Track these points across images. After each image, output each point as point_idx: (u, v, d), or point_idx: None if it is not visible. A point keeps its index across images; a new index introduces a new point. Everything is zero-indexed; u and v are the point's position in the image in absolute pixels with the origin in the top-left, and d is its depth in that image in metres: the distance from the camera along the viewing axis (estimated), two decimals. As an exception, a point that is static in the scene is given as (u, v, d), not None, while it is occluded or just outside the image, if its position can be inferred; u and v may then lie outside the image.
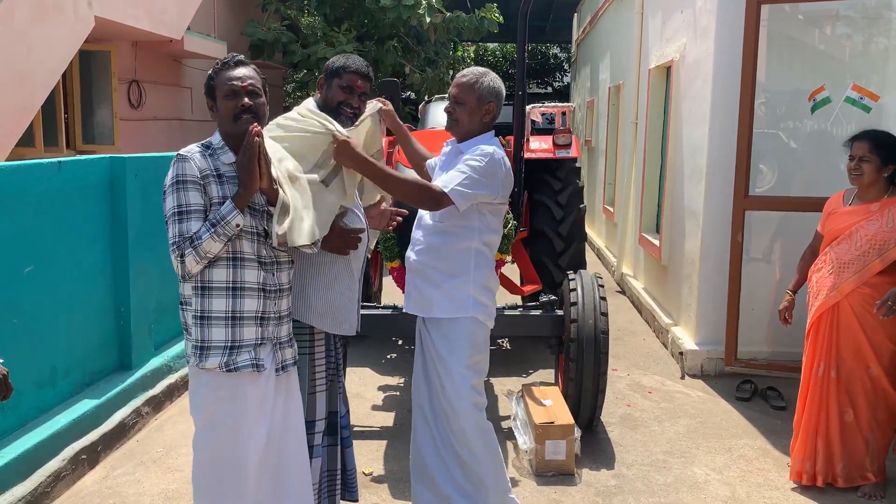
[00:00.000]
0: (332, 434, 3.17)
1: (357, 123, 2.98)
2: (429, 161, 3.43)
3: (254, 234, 2.53)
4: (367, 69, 3.00)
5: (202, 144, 2.55)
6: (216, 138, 2.57)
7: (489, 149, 3.00)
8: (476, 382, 3.11)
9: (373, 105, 3.10)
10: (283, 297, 2.63)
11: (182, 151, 2.48)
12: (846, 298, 3.66)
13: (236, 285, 2.49)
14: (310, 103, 3.03)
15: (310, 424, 2.97)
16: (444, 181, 2.93)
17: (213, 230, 2.38)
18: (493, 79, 3.07)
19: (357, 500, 3.36)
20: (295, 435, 2.74)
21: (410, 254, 3.19)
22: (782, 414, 4.76)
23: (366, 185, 3.16)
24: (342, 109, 2.95)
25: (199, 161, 2.46)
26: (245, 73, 2.54)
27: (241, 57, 2.59)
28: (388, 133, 6.29)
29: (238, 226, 2.43)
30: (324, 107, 2.98)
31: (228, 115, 2.51)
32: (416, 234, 3.19)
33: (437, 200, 2.91)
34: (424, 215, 3.17)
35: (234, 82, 2.50)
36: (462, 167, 2.94)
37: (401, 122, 3.43)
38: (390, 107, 3.26)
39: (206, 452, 2.58)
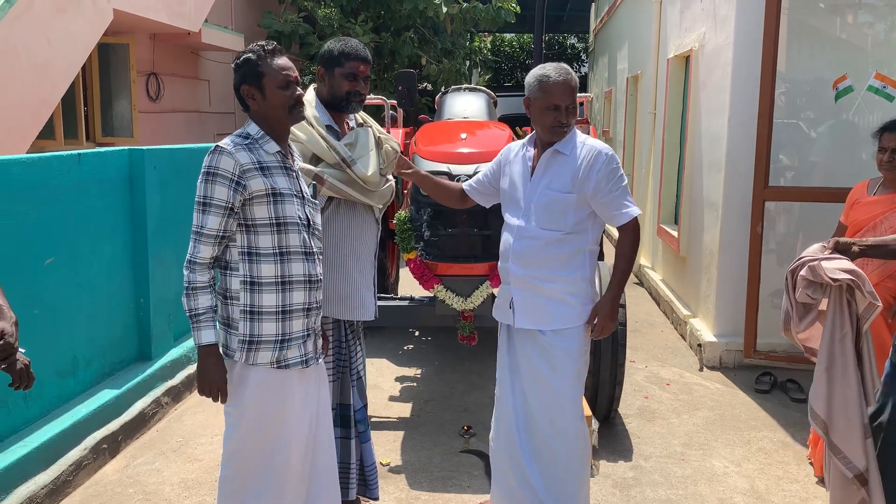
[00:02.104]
0: (344, 426, 3.18)
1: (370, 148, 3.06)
2: (468, 183, 3.28)
3: (299, 226, 2.52)
4: (366, 52, 2.98)
5: (240, 136, 2.49)
6: (254, 128, 2.50)
7: (604, 146, 2.90)
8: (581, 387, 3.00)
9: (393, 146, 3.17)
10: (321, 288, 2.66)
11: (221, 144, 2.43)
12: None
13: (285, 279, 2.49)
14: (310, 95, 3.01)
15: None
16: (619, 208, 2.84)
17: (191, 307, 2.44)
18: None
19: (377, 498, 3.35)
20: (326, 422, 2.79)
21: (512, 266, 2.96)
22: (802, 406, 4.72)
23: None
24: (352, 98, 2.95)
25: (242, 156, 2.41)
26: (290, 63, 2.52)
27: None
28: (405, 125, 6.29)
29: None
30: (330, 99, 2.98)
31: (283, 106, 2.47)
32: (518, 244, 2.94)
33: (637, 226, 2.91)
34: (525, 222, 2.93)
35: (290, 73, 2.48)
36: (616, 182, 2.84)
37: (411, 164, 3.41)
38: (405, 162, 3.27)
39: (252, 446, 2.57)
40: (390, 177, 3.23)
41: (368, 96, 6.21)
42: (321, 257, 2.67)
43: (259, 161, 2.45)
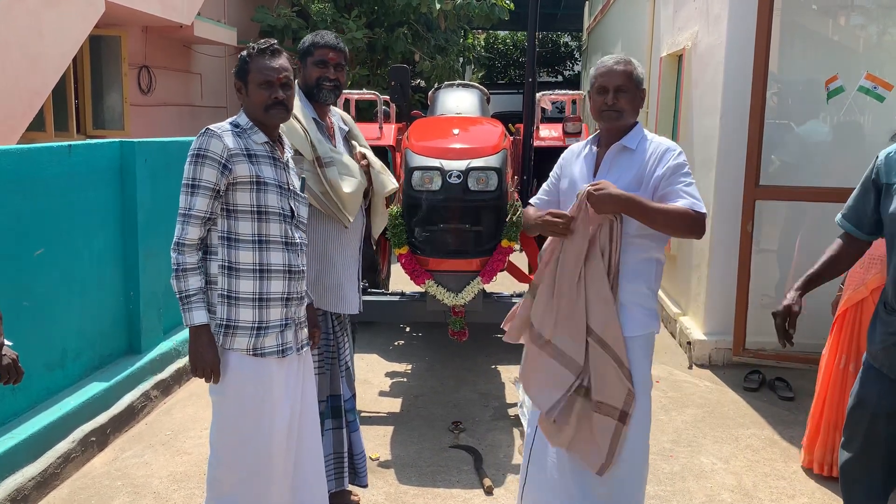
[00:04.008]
0: (335, 417, 3.21)
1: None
2: (536, 198, 3.03)
3: (281, 216, 2.56)
4: (336, 41, 3.05)
5: (231, 123, 2.55)
6: (243, 119, 2.57)
7: (673, 143, 2.75)
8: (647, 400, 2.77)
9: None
10: (303, 279, 2.69)
11: (211, 127, 2.49)
12: (871, 295, 3.62)
13: (263, 267, 2.53)
14: (296, 89, 3.06)
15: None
16: (689, 200, 2.58)
17: (181, 288, 2.46)
18: (639, 64, 2.80)
19: (366, 486, 3.39)
20: (311, 413, 2.80)
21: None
22: (790, 404, 4.75)
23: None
24: (322, 85, 3.02)
25: (230, 140, 2.47)
26: (281, 63, 2.56)
27: (277, 44, 2.59)
28: (398, 120, 6.29)
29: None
30: (306, 88, 3.07)
31: (260, 105, 2.53)
32: None
33: (703, 225, 2.62)
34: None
35: (270, 73, 2.52)
36: (682, 174, 2.64)
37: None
38: None
39: (233, 433, 2.59)
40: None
41: (361, 91, 6.24)
42: (304, 248, 2.71)
43: (247, 148, 2.50)
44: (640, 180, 2.68)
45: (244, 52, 2.56)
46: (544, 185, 3.02)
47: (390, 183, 3.34)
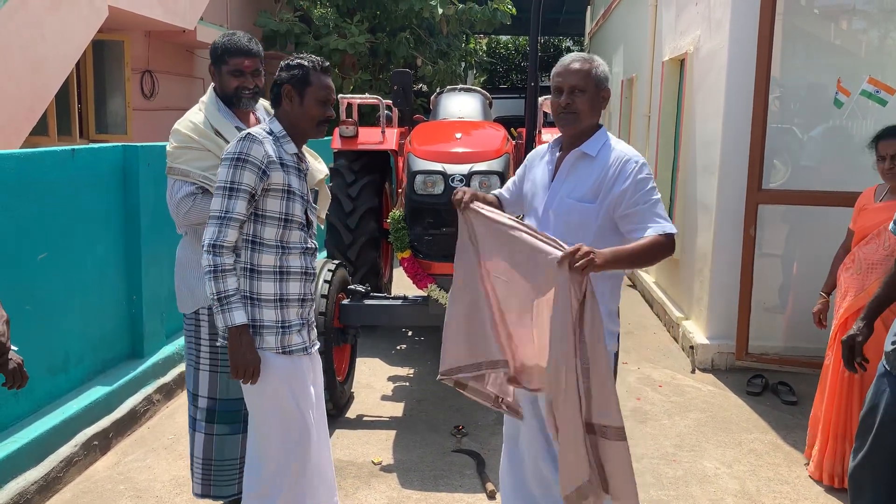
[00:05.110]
0: (234, 423, 3.34)
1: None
2: (499, 191, 2.94)
3: (302, 225, 2.65)
4: (248, 46, 2.96)
5: (266, 130, 2.58)
6: (277, 126, 2.60)
7: (636, 153, 2.57)
8: None
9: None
10: (314, 280, 2.78)
11: (252, 132, 2.53)
12: None
13: (283, 269, 2.59)
14: (210, 96, 3.03)
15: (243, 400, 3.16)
16: (647, 221, 2.44)
17: (220, 289, 2.47)
18: (602, 62, 2.62)
19: None
20: (321, 409, 2.86)
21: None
22: (793, 409, 4.74)
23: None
24: (242, 94, 2.98)
25: (269, 147, 2.52)
26: (332, 85, 2.67)
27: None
28: (400, 124, 6.30)
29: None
30: (223, 96, 3.01)
31: (314, 119, 2.60)
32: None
33: (674, 243, 2.47)
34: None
35: (330, 93, 2.62)
36: (646, 193, 2.48)
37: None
38: None
39: (277, 432, 2.63)
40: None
41: (363, 96, 6.24)
42: (316, 253, 2.77)
43: (280, 157, 2.55)
44: (597, 191, 2.52)
45: (303, 63, 2.57)
46: (508, 183, 2.94)
47: (319, 172, 3.27)
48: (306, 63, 2.58)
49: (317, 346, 2.82)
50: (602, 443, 2.28)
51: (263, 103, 3.30)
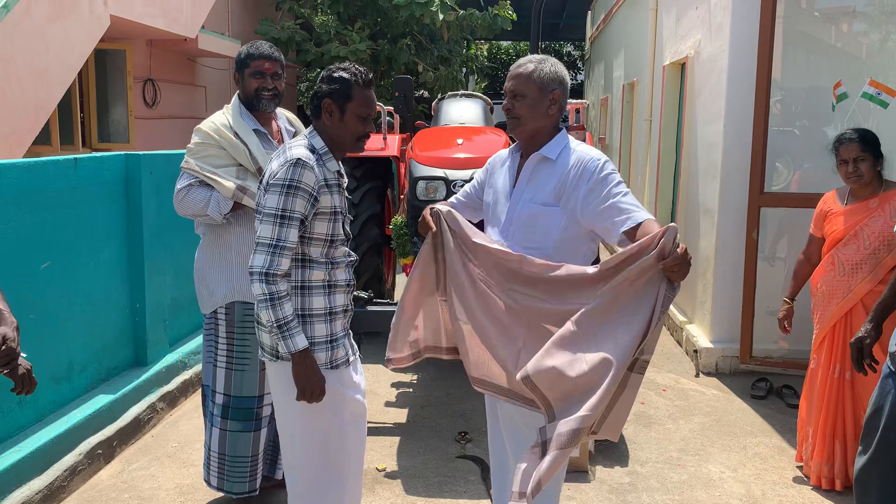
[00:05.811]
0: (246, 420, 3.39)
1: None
2: (454, 198, 2.87)
3: (345, 241, 2.65)
4: (270, 51, 3.15)
5: (308, 148, 2.50)
6: (319, 143, 2.53)
7: (598, 153, 2.50)
8: None
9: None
10: (353, 291, 2.77)
11: (300, 157, 2.43)
12: (862, 300, 3.61)
13: (331, 283, 2.58)
14: (234, 101, 3.22)
15: (259, 399, 3.28)
16: (621, 214, 2.38)
17: (279, 317, 2.43)
18: (553, 63, 2.53)
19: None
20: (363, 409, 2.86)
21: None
22: (798, 412, 4.72)
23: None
24: (261, 95, 3.14)
25: (318, 171, 2.47)
26: (374, 99, 2.60)
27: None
28: (402, 131, 6.31)
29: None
30: (245, 100, 3.19)
31: (354, 134, 2.55)
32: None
33: None
34: (504, 240, 2.53)
35: (372, 108, 2.56)
36: (613, 186, 2.42)
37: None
38: None
39: (322, 449, 2.64)
40: None
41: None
42: (356, 264, 2.79)
43: (325, 177, 2.51)
44: (559, 194, 2.47)
45: (345, 76, 2.47)
46: (465, 188, 2.86)
47: None
48: (348, 76, 2.47)
49: (357, 352, 2.76)
50: (633, 378, 2.28)
51: (285, 113, 3.36)
